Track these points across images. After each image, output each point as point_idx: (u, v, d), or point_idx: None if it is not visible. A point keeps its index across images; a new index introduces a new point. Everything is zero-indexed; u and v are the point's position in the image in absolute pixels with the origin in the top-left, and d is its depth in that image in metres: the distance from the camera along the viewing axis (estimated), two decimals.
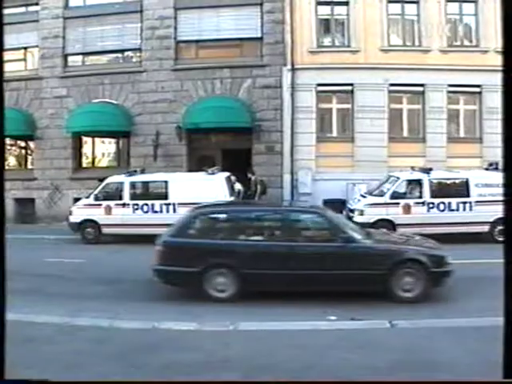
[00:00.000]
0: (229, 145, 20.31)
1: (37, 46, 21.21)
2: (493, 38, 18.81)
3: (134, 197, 16.15)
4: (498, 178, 14.98)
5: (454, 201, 15.18)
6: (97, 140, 21.98)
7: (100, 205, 16.18)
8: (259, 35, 19.78)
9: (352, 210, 15.82)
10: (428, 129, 19.32)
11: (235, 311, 8.68)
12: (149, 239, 15.57)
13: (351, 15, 19.36)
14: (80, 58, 21.39)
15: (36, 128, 20.88)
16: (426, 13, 19.17)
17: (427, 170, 15.76)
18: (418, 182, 15.57)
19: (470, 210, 15.13)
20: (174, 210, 15.67)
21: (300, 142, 19.34)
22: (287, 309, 8.82)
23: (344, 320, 8.04)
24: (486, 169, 16.37)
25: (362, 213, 15.41)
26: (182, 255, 9.47)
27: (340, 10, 19.67)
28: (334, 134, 19.97)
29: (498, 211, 14.33)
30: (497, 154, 17.83)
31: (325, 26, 20.01)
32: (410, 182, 15.80)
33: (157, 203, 15.82)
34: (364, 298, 9.09)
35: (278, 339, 7.02)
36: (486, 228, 14.97)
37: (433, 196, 15.25)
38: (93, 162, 21.96)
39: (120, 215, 15.97)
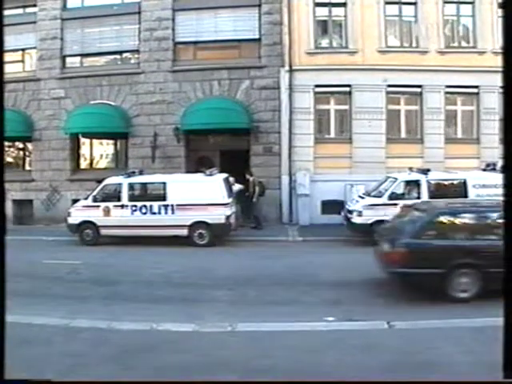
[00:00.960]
0: (227, 146, 20.31)
1: (35, 48, 21.19)
2: (490, 39, 18.90)
3: (132, 198, 16.14)
4: (495, 178, 15.02)
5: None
6: (95, 141, 21.95)
7: (98, 206, 16.17)
8: (257, 36, 19.79)
9: (350, 211, 15.84)
10: (426, 130, 19.34)
11: (233, 312, 8.69)
12: (147, 240, 15.63)
13: (349, 16, 19.38)
14: (78, 59, 21.36)
15: (34, 129, 20.85)
16: (424, 14, 19.19)
17: (425, 171, 15.77)
18: (416, 183, 15.59)
19: None
20: (173, 212, 15.68)
21: (298, 143, 19.35)
22: (285, 310, 8.83)
23: (342, 321, 8.05)
24: (484, 169, 16.41)
25: (360, 214, 15.44)
26: (426, 257, 9.32)
27: (338, 12, 19.70)
28: (332, 135, 19.99)
29: None
30: (494, 154, 17.91)
31: (322, 27, 20.02)
32: (408, 182, 15.82)
33: (155, 204, 15.81)
34: (362, 299, 9.10)
35: (276, 340, 7.02)
36: None
37: (431, 197, 15.24)
38: (91, 164, 21.93)
39: (118, 217, 15.96)
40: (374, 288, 10.18)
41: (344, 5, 19.43)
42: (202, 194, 15.47)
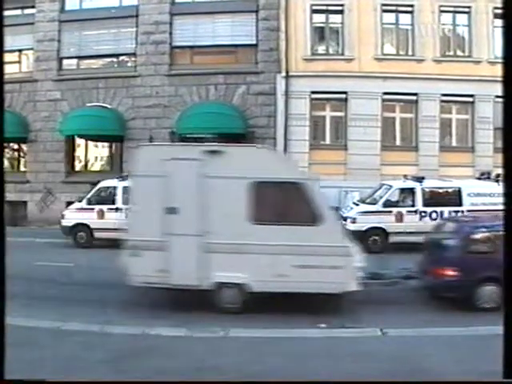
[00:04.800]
0: None
1: (32, 49, 21.18)
2: (485, 48, 19.03)
3: (126, 201, 16.05)
4: (490, 187, 15.08)
5: (446, 209, 15.22)
6: (90, 144, 21.92)
7: (92, 209, 16.12)
8: (254, 42, 19.83)
9: (345, 218, 15.81)
10: (421, 137, 19.40)
11: (225, 318, 8.66)
12: None
13: (346, 23, 19.45)
14: (75, 61, 21.36)
15: (29, 130, 20.81)
16: (420, 22, 19.28)
17: (420, 179, 15.80)
18: (411, 191, 15.60)
19: None
20: None
21: (293, 149, 19.35)
22: (278, 316, 8.80)
23: (335, 328, 8.04)
24: (478, 178, 16.45)
25: (354, 221, 15.43)
26: None
27: (335, 18, 19.77)
28: (328, 141, 20.02)
29: None
30: (489, 163, 17.97)
31: (319, 33, 20.09)
32: (402, 190, 15.83)
33: None
34: (355, 306, 9.09)
35: (268, 347, 7.01)
36: None
37: (425, 205, 15.29)
38: (86, 166, 21.89)
39: (112, 220, 15.88)
40: (366, 295, 10.16)
41: (341, 12, 19.51)
42: None
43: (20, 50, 21.28)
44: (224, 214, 8.58)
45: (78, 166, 21.74)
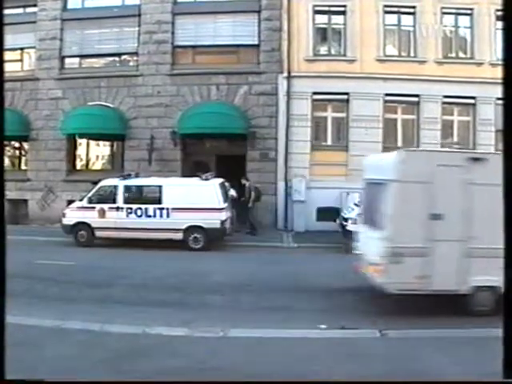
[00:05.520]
0: (223, 151, 20.32)
1: (34, 47, 21.21)
2: (487, 50, 19.03)
3: (127, 200, 16.11)
4: None
5: None
6: (91, 142, 21.93)
7: (93, 208, 16.15)
8: (256, 42, 19.84)
9: (346, 219, 15.85)
10: (422, 139, 19.39)
11: (226, 318, 8.66)
12: (142, 243, 15.60)
13: (348, 24, 19.46)
14: (77, 60, 21.38)
15: (31, 129, 20.83)
16: (422, 24, 19.28)
17: None
18: None
19: None
20: (168, 215, 15.66)
21: (294, 150, 19.37)
22: (278, 316, 8.81)
23: (335, 329, 8.04)
24: None
25: (355, 222, 15.42)
26: None
27: (337, 19, 19.77)
28: (329, 142, 20.02)
29: None
30: None
31: (322, 34, 20.09)
32: None
33: (150, 207, 15.79)
34: (356, 307, 9.09)
35: (268, 347, 7.01)
36: None
37: None
38: (87, 165, 21.90)
39: (113, 219, 15.93)
40: (367, 296, 10.17)
41: (343, 13, 19.51)
42: (198, 199, 15.46)
43: (22, 49, 21.32)
44: (485, 220, 8.62)
45: (79, 165, 21.76)
